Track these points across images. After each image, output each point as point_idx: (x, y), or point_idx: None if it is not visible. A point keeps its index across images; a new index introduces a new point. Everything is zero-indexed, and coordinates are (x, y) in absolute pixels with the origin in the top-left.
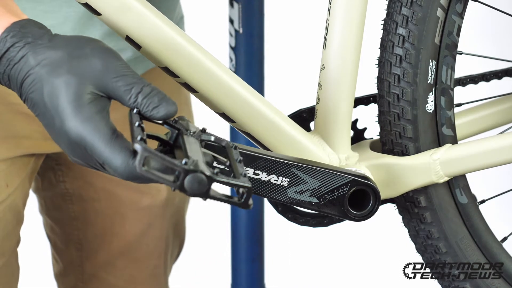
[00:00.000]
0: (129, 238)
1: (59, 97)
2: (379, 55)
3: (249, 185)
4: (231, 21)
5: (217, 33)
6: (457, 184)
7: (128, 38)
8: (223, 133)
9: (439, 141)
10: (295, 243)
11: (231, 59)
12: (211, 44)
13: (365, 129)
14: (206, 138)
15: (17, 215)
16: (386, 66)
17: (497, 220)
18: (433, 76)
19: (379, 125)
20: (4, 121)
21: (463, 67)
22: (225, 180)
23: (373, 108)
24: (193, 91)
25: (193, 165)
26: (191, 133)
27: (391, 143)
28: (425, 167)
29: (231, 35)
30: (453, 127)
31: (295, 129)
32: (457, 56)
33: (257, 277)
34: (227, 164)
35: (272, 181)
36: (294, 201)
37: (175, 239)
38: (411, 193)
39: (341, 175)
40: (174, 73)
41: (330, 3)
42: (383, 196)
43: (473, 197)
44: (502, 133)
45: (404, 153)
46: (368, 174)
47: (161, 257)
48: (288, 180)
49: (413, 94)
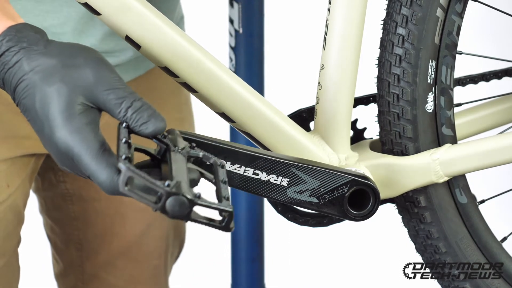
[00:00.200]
0: (130, 238)
1: (50, 106)
2: (379, 55)
3: (231, 210)
4: (231, 21)
5: (217, 33)
6: (456, 184)
7: (127, 38)
8: (223, 133)
9: (438, 141)
10: (295, 243)
11: (231, 59)
12: (211, 44)
13: (365, 129)
14: (194, 154)
15: (17, 215)
16: (385, 66)
17: (497, 220)
18: (432, 76)
19: (378, 125)
20: (4, 121)
21: (463, 67)
22: (207, 203)
23: (373, 108)
24: (193, 91)
25: (175, 188)
26: (179, 149)
27: (391, 143)
28: (424, 167)
29: (231, 35)
30: (452, 127)
31: (295, 129)
32: (457, 56)
33: (257, 277)
34: (213, 181)
35: (271, 181)
36: (293, 201)
37: (175, 239)
38: (410, 193)
39: (341, 175)
40: (174, 73)
41: (330, 3)
42: (383, 196)
43: (473, 197)
44: (502, 133)
45: (403, 153)
46: (367, 174)
47: (161, 257)
48: (287, 180)
49: (413, 94)
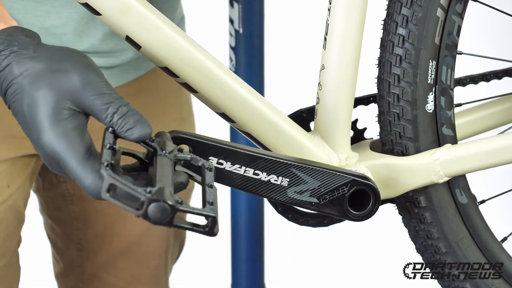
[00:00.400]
0: (130, 238)
1: (37, 110)
2: (379, 55)
3: (214, 215)
4: (231, 21)
5: (217, 33)
6: (457, 184)
7: (128, 38)
8: (223, 133)
9: (439, 141)
10: (295, 243)
11: (231, 59)
12: (211, 44)
13: (365, 129)
14: (182, 157)
15: (18, 215)
16: (386, 66)
17: (497, 220)
18: (433, 76)
19: (379, 125)
20: (5, 122)
21: (463, 67)
22: (189, 209)
23: (373, 108)
24: (193, 91)
25: (156, 194)
26: (166, 153)
27: (391, 143)
28: (425, 167)
29: (231, 35)
30: (453, 127)
31: (295, 129)
32: (457, 56)
33: (257, 277)
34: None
35: (272, 181)
36: (294, 201)
37: (175, 240)
38: (411, 193)
39: (341, 175)
40: (174, 73)
41: (330, 3)
42: (383, 196)
43: (473, 197)
44: (502, 133)
45: (404, 153)
46: (368, 174)
47: (161, 257)
48: (288, 180)
49: (413, 94)
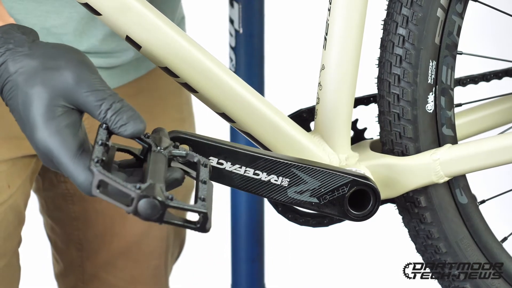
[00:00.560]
0: (130, 238)
1: (30, 108)
2: (379, 55)
3: (205, 211)
4: (231, 21)
5: (217, 33)
6: (457, 184)
7: (128, 38)
8: (223, 133)
9: (439, 141)
10: (295, 243)
11: (231, 59)
12: (211, 44)
13: (365, 129)
14: (177, 153)
15: (18, 215)
16: (386, 66)
17: (497, 220)
18: (433, 76)
19: (379, 125)
20: (5, 122)
21: (463, 67)
22: (179, 205)
23: (373, 108)
24: (193, 91)
25: (146, 190)
26: (161, 149)
27: (391, 143)
28: (425, 167)
29: (231, 35)
30: (453, 127)
31: (295, 129)
32: (457, 56)
33: (257, 277)
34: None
35: (272, 181)
36: (294, 201)
37: (175, 239)
38: (411, 193)
39: (341, 175)
40: (174, 73)
41: (330, 3)
42: (383, 196)
43: (473, 197)
44: (502, 133)
45: (404, 153)
46: (368, 174)
47: (161, 257)
48: (288, 180)
49: (413, 94)
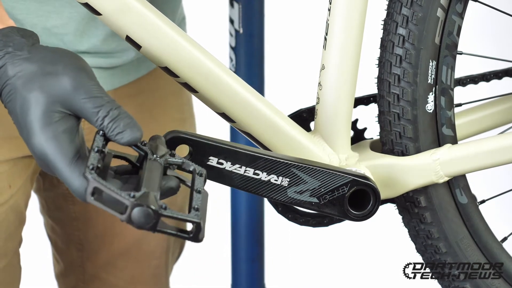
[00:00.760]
0: (130, 238)
1: (28, 112)
2: (379, 55)
3: (198, 221)
4: (231, 21)
5: (217, 33)
6: (457, 184)
7: (128, 38)
8: (223, 133)
9: (439, 141)
10: (295, 243)
11: (231, 59)
12: (211, 44)
13: (365, 129)
14: (173, 162)
15: (19, 215)
16: (386, 66)
17: (497, 220)
18: (433, 76)
19: (379, 125)
20: (6, 122)
21: (463, 67)
22: (173, 215)
23: (373, 108)
24: (194, 91)
25: (140, 199)
26: (157, 157)
27: (391, 143)
28: (425, 167)
29: (231, 35)
30: (453, 127)
31: (295, 129)
32: (457, 56)
33: (257, 277)
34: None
35: (272, 181)
36: (294, 201)
37: (176, 239)
38: (411, 193)
39: (341, 175)
40: (174, 73)
41: (330, 3)
42: (383, 196)
43: (473, 197)
44: (502, 133)
45: (404, 153)
46: (368, 174)
47: (162, 257)
48: (288, 180)
49: (413, 94)
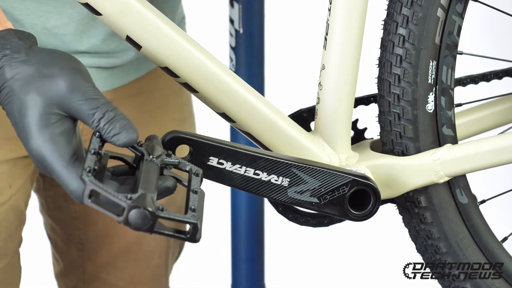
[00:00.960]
0: (130, 238)
1: (25, 114)
2: (379, 55)
3: (195, 221)
4: (231, 21)
5: (217, 33)
6: (457, 184)
7: (128, 38)
8: (223, 133)
9: (439, 141)
10: (295, 243)
11: (231, 59)
12: (211, 44)
13: (365, 129)
14: (170, 162)
15: (19, 215)
16: (386, 66)
17: (497, 220)
18: (433, 76)
19: (379, 125)
20: (6, 122)
21: (463, 67)
22: (170, 216)
23: (373, 108)
24: (194, 91)
25: (137, 201)
26: (154, 158)
27: (392, 143)
28: (425, 167)
29: (231, 35)
30: (453, 127)
31: (295, 129)
32: (458, 56)
33: (257, 277)
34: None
35: (272, 181)
36: (294, 201)
37: (175, 239)
38: (411, 193)
39: (341, 175)
40: (174, 73)
41: (330, 3)
42: (384, 196)
43: (473, 197)
44: (502, 133)
45: (404, 153)
46: (368, 174)
47: (162, 257)
48: (288, 180)
49: (414, 94)
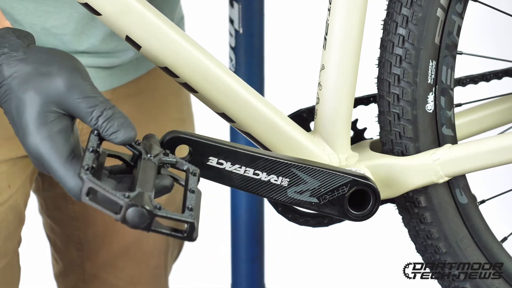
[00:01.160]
0: (130, 238)
1: (23, 113)
2: (379, 55)
3: (192, 220)
4: (231, 21)
5: (217, 33)
6: (457, 184)
7: (128, 38)
8: (223, 133)
9: (439, 141)
10: (295, 243)
11: (231, 59)
12: (211, 44)
13: (365, 129)
14: (167, 161)
15: (18, 215)
16: (386, 66)
17: (497, 220)
18: (433, 76)
19: (379, 125)
20: (6, 122)
21: (463, 67)
22: (167, 215)
23: (373, 108)
24: (193, 91)
25: (134, 199)
26: (151, 156)
27: (391, 143)
28: (425, 167)
29: (231, 35)
30: (453, 127)
31: (295, 129)
32: (457, 56)
33: (257, 277)
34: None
35: (272, 181)
36: (294, 201)
37: (175, 239)
38: (411, 193)
39: (341, 175)
40: (174, 73)
41: (330, 3)
42: (383, 196)
43: (473, 197)
44: (502, 133)
45: (404, 153)
46: (368, 174)
47: (161, 256)
48: (288, 180)
49: (413, 94)
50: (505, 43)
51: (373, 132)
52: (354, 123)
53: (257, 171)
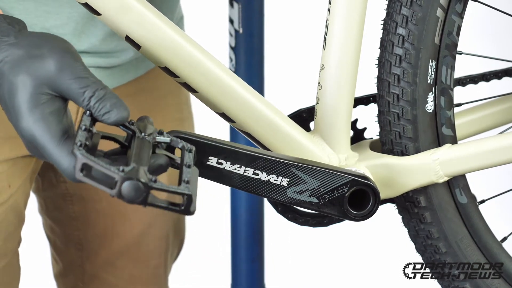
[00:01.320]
0: (130, 238)
1: (15, 96)
2: (379, 55)
3: (189, 193)
4: (231, 21)
5: (217, 33)
6: (457, 184)
7: (127, 38)
8: (223, 133)
9: (439, 141)
10: (295, 243)
11: (231, 59)
12: (211, 44)
13: (365, 129)
14: (162, 140)
15: (18, 215)
16: (386, 66)
17: (497, 220)
18: (433, 76)
19: (379, 125)
20: (6, 122)
21: (463, 67)
22: (163, 187)
23: (373, 108)
24: (193, 91)
25: (130, 173)
26: (146, 135)
27: (391, 143)
28: (424, 167)
29: (231, 35)
30: (453, 127)
31: (294, 129)
32: (457, 56)
33: (257, 277)
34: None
35: (271, 181)
36: (293, 201)
37: (175, 239)
38: (410, 193)
39: (341, 175)
40: (174, 73)
41: (330, 3)
42: (383, 196)
43: (473, 197)
44: (502, 133)
45: (403, 153)
46: (367, 174)
47: (161, 256)
48: (287, 180)
49: (413, 94)
50: (505, 43)
51: (373, 132)
52: (354, 123)
53: (256, 171)
